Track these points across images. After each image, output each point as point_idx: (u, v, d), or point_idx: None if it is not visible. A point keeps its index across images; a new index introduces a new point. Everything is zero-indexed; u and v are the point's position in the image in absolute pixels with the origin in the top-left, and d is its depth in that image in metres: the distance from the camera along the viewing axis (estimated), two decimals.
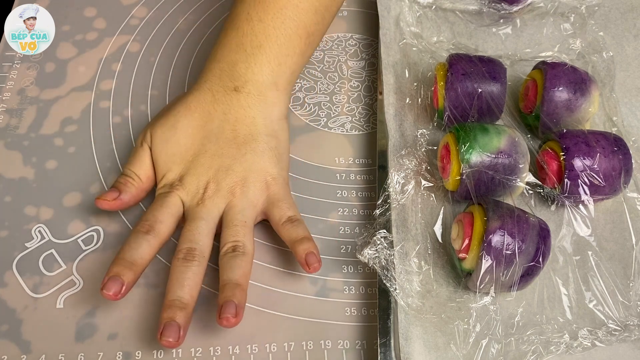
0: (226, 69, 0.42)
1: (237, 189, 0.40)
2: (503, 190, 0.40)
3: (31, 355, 0.37)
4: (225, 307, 0.35)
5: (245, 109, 0.42)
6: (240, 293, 0.36)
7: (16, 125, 0.47)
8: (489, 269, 0.35)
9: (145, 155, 0.42)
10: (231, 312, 0.34)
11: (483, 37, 0.52)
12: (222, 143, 0.41)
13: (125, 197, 0.40)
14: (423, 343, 0.36)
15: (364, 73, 0.52)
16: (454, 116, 0.43)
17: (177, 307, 0.35)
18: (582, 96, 0.43)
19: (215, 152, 0.41)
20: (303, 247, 0.38)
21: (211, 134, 0.41)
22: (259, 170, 0.41)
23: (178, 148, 0.41)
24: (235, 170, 0.40)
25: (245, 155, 0.41)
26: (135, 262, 0.36)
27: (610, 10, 0.53)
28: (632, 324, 0.37)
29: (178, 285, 0.36)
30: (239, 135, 0.41)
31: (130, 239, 0.37)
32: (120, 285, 0.35)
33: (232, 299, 0.35)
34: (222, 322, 0.34)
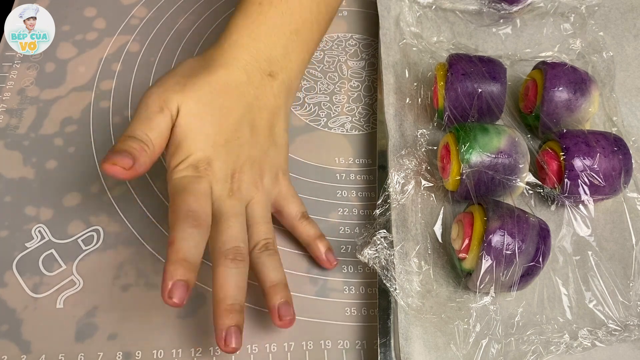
0: (263, 49, 0.39)
1: (258, 182, 0.39)
2: (503, 190, 0.40)
3: (31, 355, 0.37)
4: (282, 308, 0.35)
5: (276, 97, 0.40)
6: (288, 292, 0.37)
7: (16, 125, 0.47)
8: (489, 269, 0.35)
9: (165, 123, 0.36)
10: (290, 314, 0.36)
11: (483, 37, 0.52)
12: (252, 130, 0.39)
13: (140, 169, 0.34)
14: (423, 343, 0.36)
15: (364, 73, 0.52)
16: (454, 116, 0.43)
17: (237, 312, 0.33)
18: (582, 96, 0.43)
19: (245, 140, 0.38)
20: (322, 244, 0.40)
21: (244, 120, 0.38)
22: (276, 164, 0.41)
23: (212, 129, 0.37)
24: (259, 163, 0.39)
25: (269, 149, 0.40)
26: (194, 262, 0.33)
27: (610, 10, 0.53)
28: (632, 324, 0.37)
29: (236, 288, 0.34)
30: (265, 125, 0.40)
31: (184, 236, 0.33)
32: (186, 290, 0.31)
33: (287, 299, 0.36)
34: (285, 325, 0.35)
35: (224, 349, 0.33)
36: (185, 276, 0.31)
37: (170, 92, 0.37)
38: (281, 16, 0.39)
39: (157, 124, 0.36)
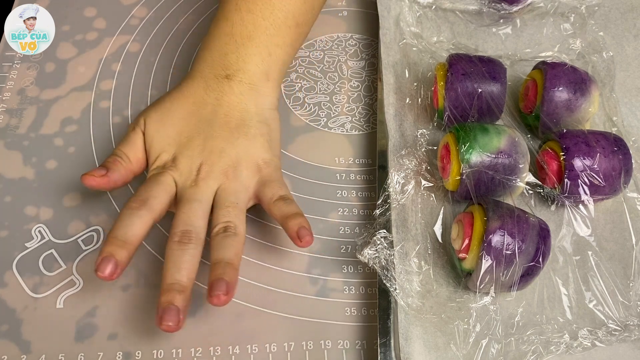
0: (217, 58, 0.43)
1: (229, 172, 0.40)
2: (503, 190, 0.40)
3: (31, 355, 0.37)
4: (215, 284, 0.34)
5: (238, 96, 0.42)
6: (232, 271, 0.35)
7: (16, 125, 0.47)
8: (489, 269, 0.35)
9: (137, 138, 0.41)
10: (222, 290, 0.34)
11: (483, 37, 0.52)
12: (216, 126, 0.41)
13: (113, 175, 0.39)
14: (423, 343, 0.36)
15: (364, 73, 0.52)
16: (454, 116, 0.43)
17: (176, 291, 0.34)
18: (582, 96, 0.43)
19: (209, 135, 0.41)
20: (295, 221, 0.38)
21: (205, 118, 0.41)
22: (251, 154, 0.41)
23: (172, 130, 0.41)
24: (228, 153, 0.40)
25: (238, 139, 0.41)
26: (127, 240, 0.36)
27: (610, 10, 0.53)
28: (632, 324, 0.37)
29: (175, 268, 0.35)
30: (232, 120, 0.42)
31: (122, 216, 0.37)
32: (114, 266, 0.34)
33: (223, 277, 0.34)
34: (213, 300, 0.34)
35: (159, 326, 0.33)
36: (112, 251, 0.35)
37: (140, 114, 0.43)
38: (232, 27, 0.43)
39: (130, 140, 0.41)
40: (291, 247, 0.42)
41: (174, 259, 0.36)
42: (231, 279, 0.35)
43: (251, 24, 0.43)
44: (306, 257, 0.42)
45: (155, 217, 0.38)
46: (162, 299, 0.34)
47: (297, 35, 0.45)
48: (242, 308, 0.39)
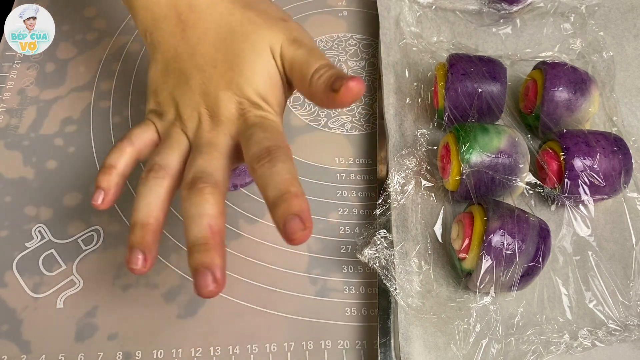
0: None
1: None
2: (503, 190, 0.40)
3: (31, 355, 0.37)
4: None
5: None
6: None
7: (16, 125, 0.47)
8: (489, 269, 0.35)
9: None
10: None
11: (483, 37, 0.52)
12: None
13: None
14: (423, 343, 0.36)
15: (364, 73, 0.52)
16: (454, 116, 0.43)
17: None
18: (582, 96, 0.43)
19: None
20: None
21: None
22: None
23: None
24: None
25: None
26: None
27: (610, 10, 0.53)
28: (632, 324, 0.37)
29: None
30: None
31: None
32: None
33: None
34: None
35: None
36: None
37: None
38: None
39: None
40: (291, 247, 0.42)
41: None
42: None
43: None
44: (306, 257, 0.42)
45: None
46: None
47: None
48: (242, 308, 0.39)
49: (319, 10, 0.56)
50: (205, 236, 0.30)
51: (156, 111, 0.36)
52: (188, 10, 0.35)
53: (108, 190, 0.33)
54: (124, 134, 0.35)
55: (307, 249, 0.42)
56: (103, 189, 0.33)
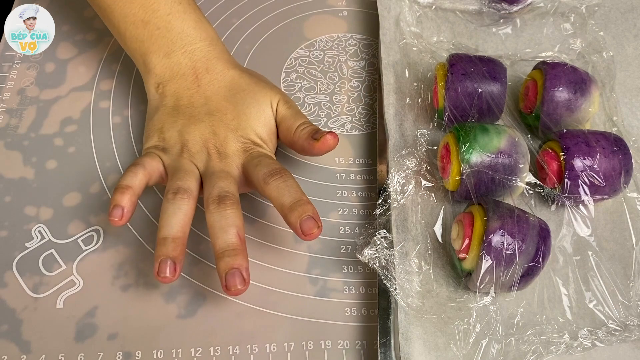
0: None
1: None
2: (503, 190, 0.40)
3: (31, 355, 0.37)
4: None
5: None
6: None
7: (16, 125, 0.47)
8: (489, 269, 0.35)
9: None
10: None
11: (483, 37, 0.52)
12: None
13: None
14: (423, 343, 0.36)
15: (364, 73, 0.52)
16: (454, 116, 0.43)
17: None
18: (582, 96, 0.43)
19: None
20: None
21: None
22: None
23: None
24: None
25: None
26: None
27: (611, 10, 0.53)
28: (632, 324, 0.37)
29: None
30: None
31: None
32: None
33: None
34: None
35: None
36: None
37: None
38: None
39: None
40: (291, 247, 0.42)
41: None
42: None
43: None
44: (306, 257, 0.42)
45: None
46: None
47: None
48: (242, 308, 0.39)
49: (319, 10, 0.56)
50: (235, 243, 0.36)
51: (161, 147, 0.42)
52: (205, 71, 0.43)
53: (126, 208, 0.37)
54: (134, 161, 0.40)
55: (307, 249, 0.42)
56: (122, 207, 0.37)
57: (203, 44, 0.44)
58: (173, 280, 0.35)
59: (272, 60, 0.52)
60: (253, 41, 0.54)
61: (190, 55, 0.43)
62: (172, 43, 0.43)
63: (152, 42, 0.44)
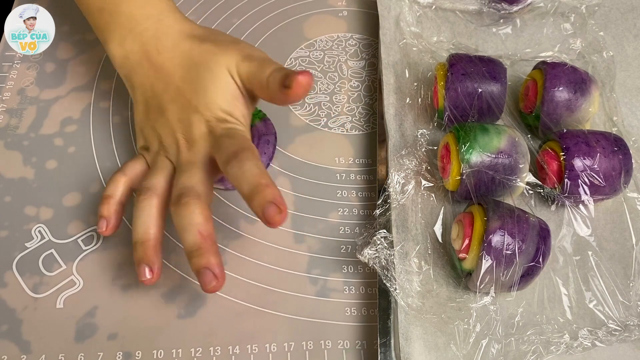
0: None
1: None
2: (503, 190, 0.40)
3: (31, 355, 0.37)
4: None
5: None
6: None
7: (16, 125, 0.47)
8: (489, 269, 0.35)
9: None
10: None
11: (483, 37, 0.52)
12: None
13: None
14: (423, 343, 0.36)
15: (364, 73, 0.52)
16: (454, 116, 0.43)
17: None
18: (582, 96, 0.43)
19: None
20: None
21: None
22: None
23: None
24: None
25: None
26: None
27: (611, 10, 0.53)
28: (632, 324, 0.37)
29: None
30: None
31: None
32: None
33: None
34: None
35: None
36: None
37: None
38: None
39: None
40: (291, 247, 0.42)
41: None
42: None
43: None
44: (306, 257, 0.42)
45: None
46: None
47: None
48: (242, 308, 0.39)
49: (319, 10, 0.56)
50: (198, 242, 0.34)
51: (145, 146, 0.41)
52: (156, 53, 0.40)
53: (109, 218, 0.38)
54: (119, 167, 0.40)
55: (307, 249, 0.42)
56: (105, 218, 0.38)
57: (150, 22, 0.40)
58: (154, 281, 0.36)
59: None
60: (253, 41, 0.54)
61: (140, 37, 0.40)
62: (122, 28, 0.41)
63: (108, 30, 0.41)
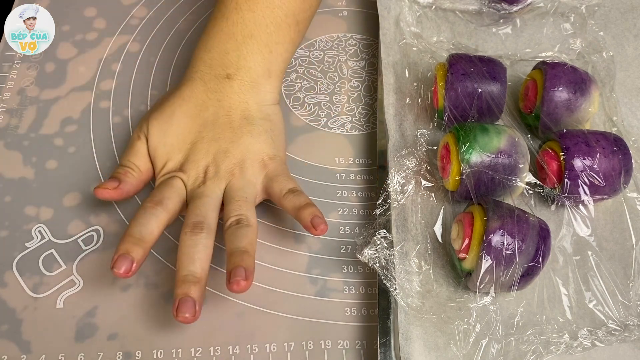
0: (217, 57, 0.43)
1: (235, 170, 0.41)
2: (503, 190, 0.40)
3: (31, 355, 0.37)
4: (234, 271, 0.34)
5: (239, 94, 0.42)
6: (248, 258, 0.36)
7: (16, 125, 0.47)
8: (489, 269, 0.35)
9: (142, 147, 0.42)
10: (241, 275, 0.34)
11: (483, 37, 0.52)
12: (218, 128, 0.42)
13: (125, 187, 0.40)
14: (423, 343, 0.36)
15: (364, 73, 0.52)
16: (454, 116, 0.43)
17: (191, 282, 0.35)
18: (582, 96, 0.43)
19: (212, 138, 0.41)
20: (308, 211, 0.39)
21: (207, 122, 0.42)
22: (256, 151, 0.42)
23: (176, 138, 0.42)
24: (232, 153, 0.41)
25: (242, 138, 0.41)
26: (143, 238, 0.36)
27: (610, 10, 0.53)
28: (632, 324, 0.37)
29: (189, 260, 0.36)
30: (234, 120, 0.42)
31: (138, 216, 0.37)
32: (130, 263, 0.35)
33: (240, 264, 0.35)
34: (233, 287, 0.34)
35: (176, 318, 0.34)
36: (128, 249, 0.35)
37: (143, 119, 0.43)
38: (233, 26, 0.43)
39: (137, 149, 0.42)
40: (291, 247, 0.42)
41: (187, 250, 0.36)
42: (248, 265, 0.35)
43: (252, 22, 0.43)
44: (306, 257, 0.42)
45: (170, 217, 0.39)
46: (178, 290, 0.34)
47: (296, 33, 0.46)
48: (242, 308, 0.39)
49: (319, 10, 0.56)
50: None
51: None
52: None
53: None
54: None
55: (307, 249, 0.42)
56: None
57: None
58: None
59: None
60: None
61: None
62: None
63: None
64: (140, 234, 0.36)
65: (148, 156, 0.42)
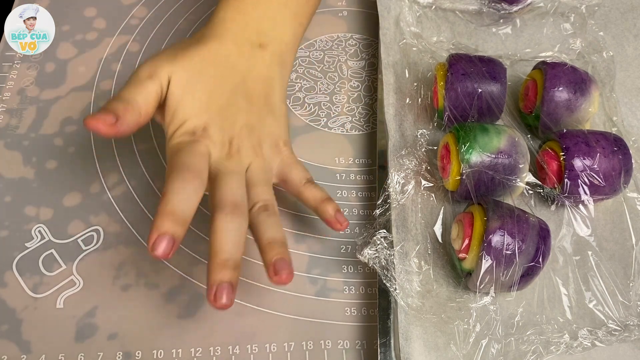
0: (251, 23, 0.40)
1: (257, 149, 0.39)
2: (503, 190, 0.40)
3: (31, 355, 0.37)
4: (279, 263, 0.33)
5: (268, 68, 0.41)
6: (286, 250, 0.35)
7: (16, 125, 0.47)
8: (489, 269, 0.35)
9: (154, 88, 0.36)
10: (286, 268, 0.33)
11: (483, 37, 0.52)
12: (247, 100, 0.39)
13: (121, 127, 0.34)
14: (423, 343, 0.36)
15: (364, 73, 0.52)
16: (454, 116, 0.43)
17: (231, 268, 0.32)
18: (582, 96, 0.43)
19: (242, 109, 0.39)
20: (332, 205, 0.38)
21: (237, 89, 0.39)
22: (275, 133, 0.40)
23: (203, 95, 0.38)
24: (257, 130, 0.39)
25: (267, 117, 0.40)
26: (185, 215, 0.32)
27: (610, 10, 0.53)
28: (632, 324, 0.37)
29: (232, 244, 0.33)
30: (262, 95, 0.40)
31: (176, 188, 0.33)
32: (171, 243, 0.31)
33: (284, 256, 0.34)
34: (281, 279, 0.33)
35: (213, 304, 0.31)
36: (172, 229, 0.31)
37: (161, 61, 0.37)
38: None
39: (144, 88, 0.36)
40: (291, 246, 0.42)
41: (227, 232, 0.33)
42: (289, 258, 0.34)
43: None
44: (306, 257, 0.42)
45: (204, 189, 0.35)
46: (218, 276, 0.32)
47: (308, 20, 0.45)
48: (242, 308, 0.39)
49: (319, 10, 0.56)
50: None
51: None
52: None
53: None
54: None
55: (307, 249, 0.42)
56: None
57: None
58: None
59: None
60: None
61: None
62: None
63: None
64: (182, 212, 0.32)
65: (157, 101, 0.37)
